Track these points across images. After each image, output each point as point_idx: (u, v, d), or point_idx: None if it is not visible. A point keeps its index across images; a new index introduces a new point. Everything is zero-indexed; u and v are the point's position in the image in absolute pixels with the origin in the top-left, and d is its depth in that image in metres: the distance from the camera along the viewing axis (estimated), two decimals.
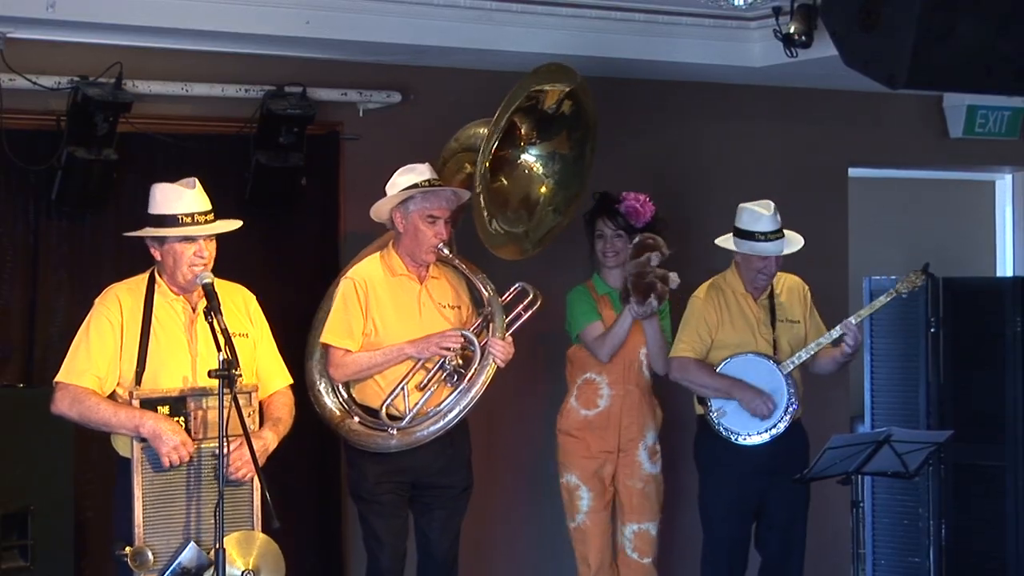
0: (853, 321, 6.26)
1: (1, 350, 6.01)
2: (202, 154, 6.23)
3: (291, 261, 6.61)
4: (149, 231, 5.07)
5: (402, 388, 5.80)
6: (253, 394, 5.08)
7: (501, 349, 5.82)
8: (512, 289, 5.99)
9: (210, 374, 4.84)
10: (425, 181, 5.81)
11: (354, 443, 5.87)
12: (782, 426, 6.24)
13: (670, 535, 6.88)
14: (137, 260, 5.41)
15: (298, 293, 6.45)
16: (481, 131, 6.05)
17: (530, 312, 5.98)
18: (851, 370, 7.51)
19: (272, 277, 6.37)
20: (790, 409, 6.26)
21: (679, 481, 6.84)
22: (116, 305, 5.04)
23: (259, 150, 6.42)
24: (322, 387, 5.94)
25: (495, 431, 6.96)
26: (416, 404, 5.79)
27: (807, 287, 6.52)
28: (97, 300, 5.08)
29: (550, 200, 6.34)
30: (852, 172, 8.36)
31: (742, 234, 6.29)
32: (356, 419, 5.85)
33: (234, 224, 5.20)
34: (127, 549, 4.85)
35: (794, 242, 6.33)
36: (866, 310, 6.43)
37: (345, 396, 5.90)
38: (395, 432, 5.78)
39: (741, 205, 6.34)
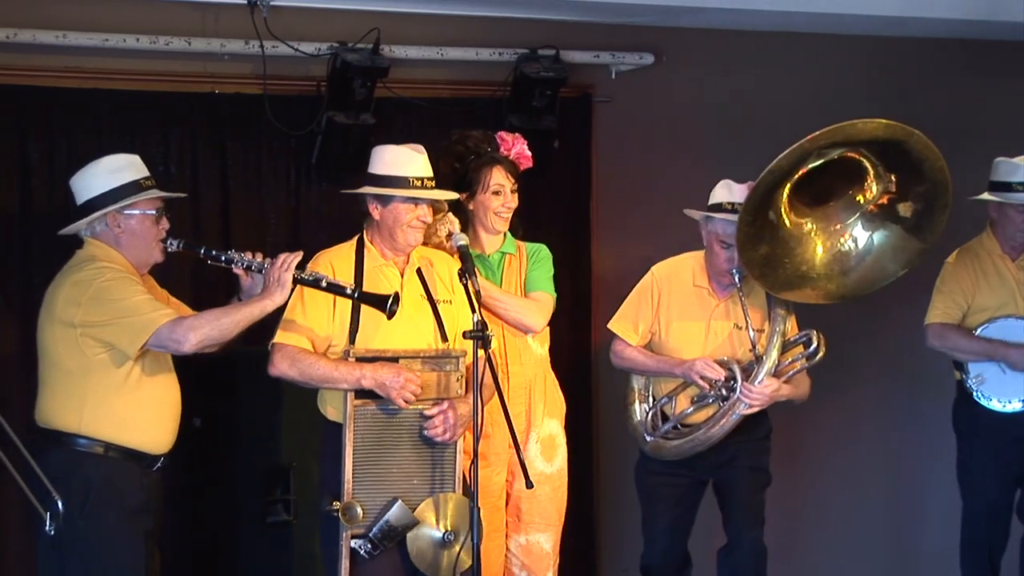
0: None
1: None
2: (456, 117, 6.29)
3: (543, 223, 6.61)
4: (375, 189, 5.13)
5: (672, 398, 5.74)
6: (461, 359, 5.12)
7: (749, 395, 5.56)
8: (802, 333, 5.70)
9: (465, 335, 4.90)
10: (729, 204, 5.61)
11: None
12: None
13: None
14: None
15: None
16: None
17: (809, 363, 5.65)
18: None
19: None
20: None
21: None
22: (328, 269, 5.12)
23: (512, 113, 6.47)
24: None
25: None
26: (673, 418, 5.71)
27: None
28: (308, 265, 5.13)
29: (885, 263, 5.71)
30: None
31: (998, 187, 6.15)
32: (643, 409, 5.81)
33: (452, 194, 5.29)
34: (336, 504, 4.96)
35: None
36: None
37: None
38: (649, 440, 5.75)
39: (997, 159, 6.17)
